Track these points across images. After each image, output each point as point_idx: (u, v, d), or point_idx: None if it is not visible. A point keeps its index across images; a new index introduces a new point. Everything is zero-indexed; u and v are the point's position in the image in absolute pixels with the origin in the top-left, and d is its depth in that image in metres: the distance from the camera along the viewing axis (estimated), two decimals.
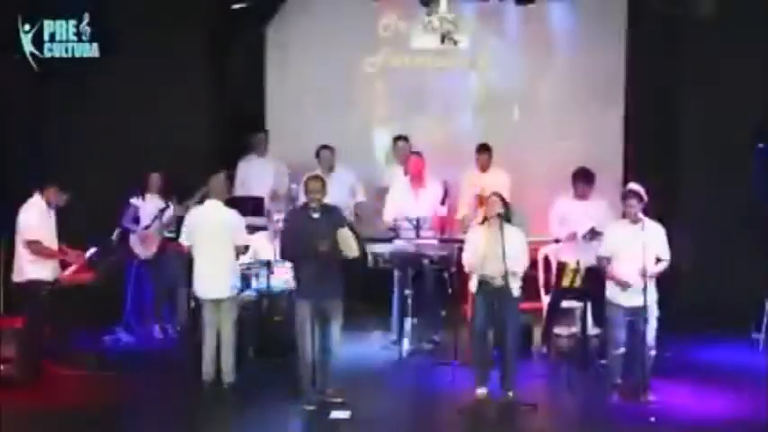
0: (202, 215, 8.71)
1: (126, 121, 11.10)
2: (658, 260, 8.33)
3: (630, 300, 8.27)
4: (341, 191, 10.78)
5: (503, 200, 8.38)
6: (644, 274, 8.10)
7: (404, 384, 8.96)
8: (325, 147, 10.92)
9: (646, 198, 8.34)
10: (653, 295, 8.28)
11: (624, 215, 8.41)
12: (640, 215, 8.29)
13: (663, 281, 8.56)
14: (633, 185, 8.52)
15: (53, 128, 11.12)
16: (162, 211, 10.25)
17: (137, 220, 10.34)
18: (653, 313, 8.28)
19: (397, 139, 11.00)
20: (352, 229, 8.38)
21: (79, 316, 9.35)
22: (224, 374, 8.64)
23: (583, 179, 9.52)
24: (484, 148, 10.75)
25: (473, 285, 8.39)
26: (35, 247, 8.96)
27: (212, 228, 8.61)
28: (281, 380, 8.70)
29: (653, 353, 8.33)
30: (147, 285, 10.35)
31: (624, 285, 8.27)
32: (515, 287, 8.31)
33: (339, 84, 11.99)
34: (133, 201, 10.34)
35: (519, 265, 8.28)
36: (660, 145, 11.55)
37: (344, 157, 11.09)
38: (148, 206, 10.36)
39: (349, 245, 8.13)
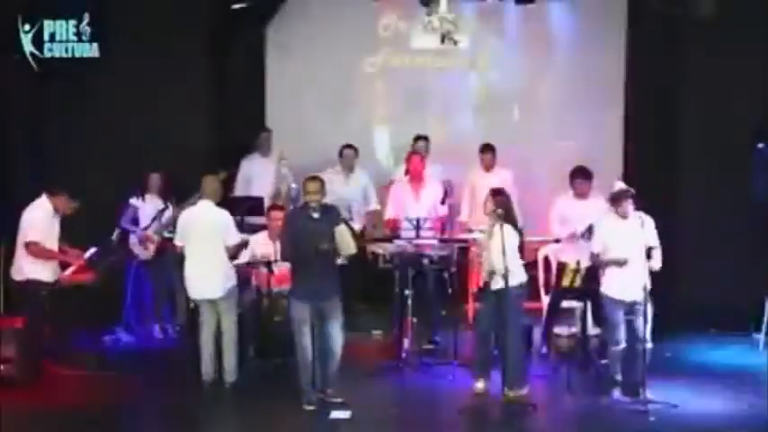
0: (194, 216, 8.72)
1: (126, 121, 11.10)
2: (650, 250, 8.32)
3: (630, 295, 8.30)
4: (355, 192, 10.81)
5: (503, 197, 8.40)
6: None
7: (404, 384, 8.96)
8: (348, 146, 10.92)
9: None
10: (648, 288, 8.30)
11: (617, 213, 8.42)
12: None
13: (662, 280, 8.57)
14: (622, 185, 8.52)
15: (53, 128, 11.12)
16: (161, 212, 10.25)
17: (136, 221, 10.33)
18: (648, 307, 8.30)
19: (418, 138, 10.97)
20: (348, 226, 8.40)
21: (79, 316, 9.34)
22: (226, 374, 8.64)
23: (580, 176, 9.50)
24: (487, 148, 10.79)
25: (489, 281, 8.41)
26: (34, 249, 8.95)
27: (203, 228, 8.61)
28: (281, 380, 8.70)
29: (649, 346, 8.33)
30: (146, 285, 10.35)
31: (622, 263, 8.26)
32: (515, 282, 8.28)
33: (339, 84, 12.00)
34: (132, 201, 10.34)
35: (511, 263, 8.26)
36: (660, 145, 11.54)
37: None
38: (148, 207, 10.35)
39: (346, 242, 8.14)
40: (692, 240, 11.10)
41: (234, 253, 8.76)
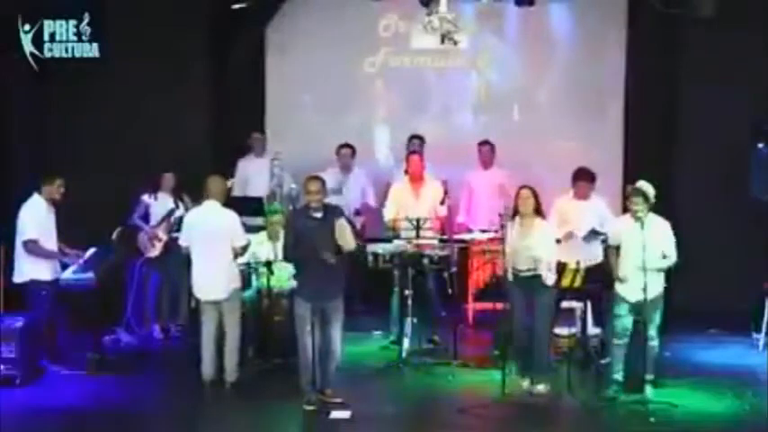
0: (200, 217, 8.70)
1: (126, 121, 11.11)
2: (664, 257, 8.34)
3: (636, 294, 8.31)
4: (354, 191, 10.82)
5: (534, 194, 8.55)
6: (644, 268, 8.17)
7: (404, 384, 8.96)
8: (345, 145, 10.98)
9: (651, 196, 8.35)
10: (659, 288, 8.29)
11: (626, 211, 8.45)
12: (642, 213, 8.32)
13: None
14: (640, 183, 8.53)
15: (53, 128, 11.13)
16: (170, 212, 10.25)
17: (146, 218, 10.34)
18: (657, 306, 8.30)
19: (412, 138, 10.99)
20: (350, 222, 8.41)
21: (79, 316, 9.34)
22: (227, 374, 8.64)
23: (584, 179, 9.50)
24: (486, 142, 10.87)
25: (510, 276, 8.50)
26: (32, 247, 8.96)
27: (209, 229, 8.59)
28: (281, 380, 8.70)
29: (654, 343, 8.34)
30: (149, 285, 10.35)
31: (622, 281, 8.30)
32: (548, 276, 8.44)
33: (339, 84, 12.01)
34: (144, 198, 10.33)
35: (544, 253, 8.41)
36: (660, 145, 11.54)
37: None
38: (159, 205, 10.36)
39: (346, 238, 8.12)
40: (691, 240, 11.08)
41: (240, 254, 8.76)
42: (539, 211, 8.53)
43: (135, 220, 10.30)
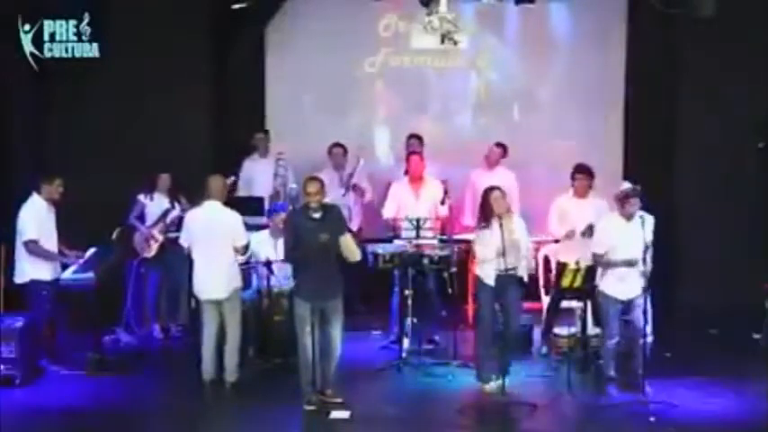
0: (201, 216, 8.70)
1: (126, 121, 11.11)
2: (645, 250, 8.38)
3: (626, 293, 8.34)
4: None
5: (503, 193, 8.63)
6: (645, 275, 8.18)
7: (404, 384, 8.96)
8: (337, 144, 10.99)
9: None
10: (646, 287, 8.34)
11: (622, 213, 8.45)
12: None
13: (663, 280, 8.59)
14: (629, 185, 8.57)
15: (53, 128, 11.12)
16: (165, 213, 10.25)
17: (142, 218, 10.35)
18: (647, 302, 8.34)
19: (411, 137, 11.01)
20: (351, 232, 8.44)
21: (79, 316, 9.34)
22: (227, 374, 8.64)
23: (582, 173, 9.49)
24: (500, 144, 10.91)
25: (488, 278, 8.49)
26: (33, 247, 8.97)
27: (211, 228, 8.60)
28: (281, 380, 8.70)
29: (650, 339, 8.35)
30: (148, 285, 10.35)
31: (633, 264, 8.30)
32: (524, 273, 8.56)
33: (339, 84, 12.00)
34: (141, 198, 10.34)
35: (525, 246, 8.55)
36: (660, 145, 11.54)
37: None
38: (155, 206, 10.36)
39: (351, 250, 8.16)
40: (692, 240, 11.11)
41: (241, 253, 8.77)
42: (508, 209, 8.63)
43: (131, 220, 10.30)
